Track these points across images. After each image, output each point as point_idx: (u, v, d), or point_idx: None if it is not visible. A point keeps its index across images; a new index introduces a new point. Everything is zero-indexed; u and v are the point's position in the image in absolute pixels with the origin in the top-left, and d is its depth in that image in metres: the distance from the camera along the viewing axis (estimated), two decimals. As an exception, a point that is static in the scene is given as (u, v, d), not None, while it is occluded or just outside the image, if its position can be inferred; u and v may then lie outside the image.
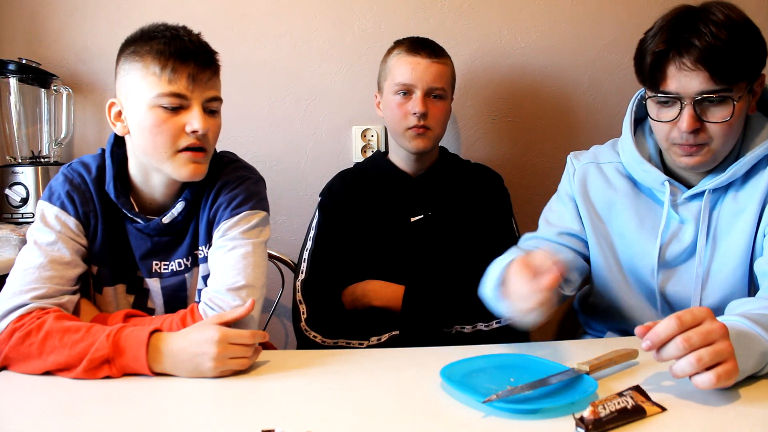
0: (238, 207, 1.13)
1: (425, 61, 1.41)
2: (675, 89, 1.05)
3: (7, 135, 1.74)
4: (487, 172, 1.55)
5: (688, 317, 0.79)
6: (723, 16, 1.02)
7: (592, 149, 1.32)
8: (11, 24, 1.79)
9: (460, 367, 0.91)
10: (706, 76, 1.02)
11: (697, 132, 1.06)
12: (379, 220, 1.44)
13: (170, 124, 1.04)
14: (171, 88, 1.03)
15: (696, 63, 1.02)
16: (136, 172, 1.13)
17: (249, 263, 1.08)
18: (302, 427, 0.76)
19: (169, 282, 1.16)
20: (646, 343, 0.80)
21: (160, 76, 1.03)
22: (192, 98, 1.05)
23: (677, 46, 1.03)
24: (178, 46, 1.04)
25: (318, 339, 1.31)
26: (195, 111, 1.05)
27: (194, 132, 1.05)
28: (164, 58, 1.03)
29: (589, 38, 1.79)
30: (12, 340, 0.95)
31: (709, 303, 1.14)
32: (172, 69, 1.03)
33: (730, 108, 1.04)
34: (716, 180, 1.12)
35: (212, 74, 1.08)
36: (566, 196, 1.29)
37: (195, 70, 1.04)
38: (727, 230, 1.13)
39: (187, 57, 1.04)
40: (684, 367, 0.78)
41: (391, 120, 1.46)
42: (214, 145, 1.13)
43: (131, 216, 1.12)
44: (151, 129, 1.05)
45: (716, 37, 1.00)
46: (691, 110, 1.05)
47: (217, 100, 1.10)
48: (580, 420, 0.73)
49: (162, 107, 1.04)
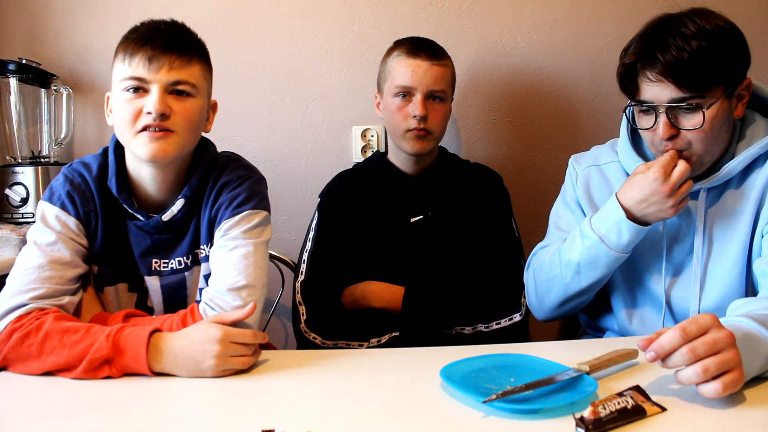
0: (240, 206, 1.13)
1: (425, 63, 1.40)
2: (649, 98, 1.08)
3: (7, 135, 1.74)
4: (486, 171, 1.54)
5: (692, 327, 0.78)
6: (694, 27, 1.04)
7: (593, 150, 1.32)
8: (11, 24, 1.79)
9: (460, 367, 0.91)
10: (673, 87, 1.04)
11: (674, 138, 1.08)
12: (379, 221, 1.43)
13: (130, 106, 1.07)
14: (130, 71, 1.07)
15: (658, 75, 1.05)
16: (130, 164, 1.14)
17: (250, 263, 1.08)
18: (302, 427, 0.76)
19: (169, 280, 1.16)
20: (651, 355, 0.79)
21: (123, 60, 1.08)
22: (151, 81, 1.06)
23: (643, 59, 1.06)
24: (142, 32, 1.08)
25: (318, 340, 1.30)
26: (153, 93, 1.06)
27: (149, 113, 1.06)
28: (127, 43, 1.08)
29: (589, 38, 1.79)
30: (11, 340, 0.95)
31: (708, 302, 1.14)
32: (131, 53, 1.07)
33: (701, 115, 1.05)
34: (711, 179, 1.12)
35: (181, 57, 1.08)
36: (572, 202, 1.29)
37: (152, 53, 1.06)
38: (723, 229, 1.14)
39: (145, 41, 1.07)
40: (690, 376, 0.77)
41: (391, 122, 1.46)
42: (189, 130, 1.11)
43: (132, 212, 1.12)
44: (116, 112, 1.09)
45: (681, 49, 1.02)
46: (664, 118, 1.07)
47: (187, 84, 1.09)
48: (580, 420, 0.73)
49: (125, 90, 1.07)
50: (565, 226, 1.28)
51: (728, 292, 1.12)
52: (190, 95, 1.10)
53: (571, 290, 1.20)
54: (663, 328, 0.81)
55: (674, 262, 1.18)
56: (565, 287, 1.20)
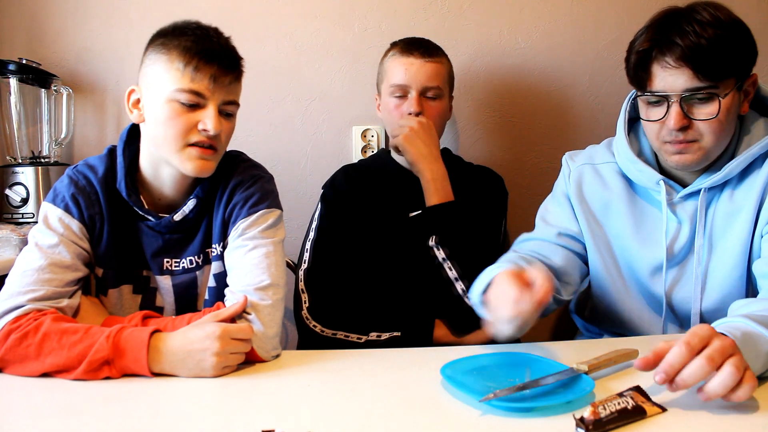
0: (255, 205, 1.14)
1: (418, 60, 1.42)
2: (661, 88, 1.06)
3: (7, 135, 1.74)
4: (488, 172, 1.55)
5: (695, 340, 0.77)
6: (709, 15, 1.03)
7: (588, 149, 1.31)
8: (11, 24, 1.79)
9: (460, 365, 0.92)
10: (691, 74, 1.03)
11: (685, 129, 1.06)
12: (379, 214, 1.44)
13: (184, 119, 1.06)
14: (192, 85, 1.05)
15: (678, 60, 1.03)
16: (147, 164, 1.14)
17: (272, 262, 1.09)
18: (302, 427, 0.76)
19: (180, 279, 1.16)
20: (661, 376, 0.76)
21: (183, 71, 1.05)
22: (209, 98, 1.06)
23: (660, 44, 1.05)
24: (206, 45, 1.06)
25: (318, 328, 1.31)
26: (210, 111, 1.06)
27: (205, 131, 1.06)
28: (190, 55, 1.05)
29: (589, 38, 1.79)
30: (8, 341, 0.94)
31: (709, 303, 1.14)
32: (195, 67, 1.05)
33: (717, 104, 1.04)
34: (711, 179, 1.12)
35: (234, 79, 1.10)
36: (563, 197, 1.28)
37: (218, 71, 1.06)
38: (723, 230, 1.13)
39: (211, 58, 1.05)
40: (717, 389, 0.75)
41: (389, 122, 1.47)
42: (226, 147, 1.14)
43: (142, 213, 1.12)
44: (165, 121, 1.07)
45: (699, 35, 1.01)
46: (677, 108, 1.05)
47: (235, 104, 1.12)
48: (580, 420, 0.73)
49: (179, 102, 1.06)
50: (552, 219, 1.27)
51: (729, 293, 1.12)
52: (233, 115, 1.12)
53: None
54: (660, 345, 0.80)
55: (675, 262, 1.18)
56: None
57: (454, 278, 1.31)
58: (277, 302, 1.06)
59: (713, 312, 1.13)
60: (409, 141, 1.39)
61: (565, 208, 1.27)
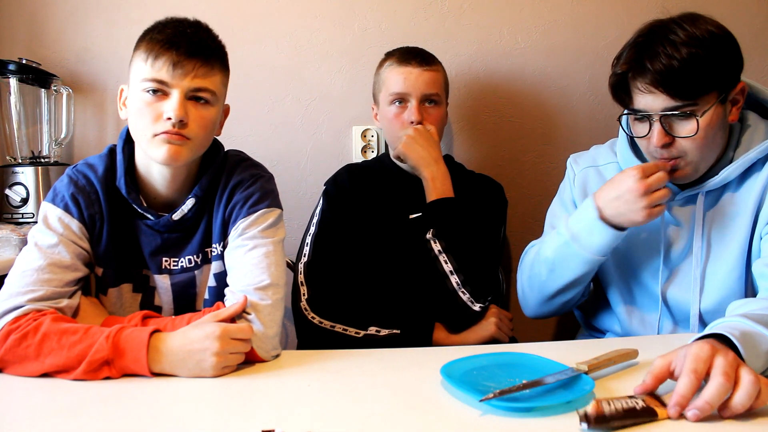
0: (255, 205, 1.13)
1: (417, 69, 1.43)
2: (642, 107, 1.07)
3: (7, 135, 1.74)
4: (488, 181, 1.56)
5: (700, 365, 0.76)
6: (684, 33, 1.02)
7: (592, 150, 1.32)
8: (11, 24, 1.79)
9: (460, 365, 0.92)
10: (665, 96, 1.03)
11: (669, 146, 1.07)
12: (380, 214, 1.45)
13: (151, 109, 1.06)
14: (153, 73, 1.05)
15: (649, 86, 1.04)
16: (140, 162, 1.14)
17: (272, 262, 1.09)
18: (302, 427, 0.76)
19: (179, 279, 1.16)
20: (676, 409, 0.75)
21: (146, 61, 1.06)
22: (173, 85, 1.06)
23: (634, 69, 1.06)
24: (168, 34, 1.06)
25: (316, 320, 1.31)
26: (173, 98, 1.06)
27: (168, 119, 1.05)
28: (152, 44, 1.06)
29: (589, 38, 1.79)
30: (8, 342, 0.94)
31: (707, 305, 1.14)
32: (156, 55, 1.05)
33: (695, 123, 1.04)
34: (710, 182, 1.12)
35: (204, 65, 1.08)
36: (569, 201, 1.29)
37: (177, 57, 1.05)
38: (722, 232, 1.14)
39: (171, 45, 1.05)
40: (744, 400, 0.74)
41: (389, 130, 1.48)
42: (203, 136, 1.11)
43: (141, 212, 1.12)
44: (135, 113, 1.08)
45: (671, 57, 1.01)
46: (659, 126, 1.06)
47: (208, 92, 1.09)
48: (584, 415, 0.73)
49: (145, 91, 1.06)
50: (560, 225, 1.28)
51: (728, 294, 1.12)
52: (208, 102, 1.10)
53: (548, 288, 1.20)
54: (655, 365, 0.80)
55: (672, 263, 1.18)
56: (541, 285, 1.20)
57: (449, 271, 1.31)
58: (277, 302, 1.06)
59: (712, 313, 1.13)
60: (408, 147, 1.41)
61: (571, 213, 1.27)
